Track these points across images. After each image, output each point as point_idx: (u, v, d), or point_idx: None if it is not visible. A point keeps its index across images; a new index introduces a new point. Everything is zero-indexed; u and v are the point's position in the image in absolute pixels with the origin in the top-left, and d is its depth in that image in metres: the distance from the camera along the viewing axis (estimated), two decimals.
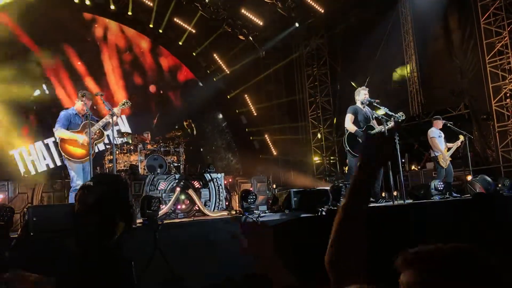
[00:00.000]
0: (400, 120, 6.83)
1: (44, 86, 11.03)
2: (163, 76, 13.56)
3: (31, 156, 10.74)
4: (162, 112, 12.24)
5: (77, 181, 5.63)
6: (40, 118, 10.67)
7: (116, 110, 5.87)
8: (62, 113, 5.95)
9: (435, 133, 8.50)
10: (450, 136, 8.73)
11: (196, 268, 4.22)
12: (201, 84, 14.20)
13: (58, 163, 10.81)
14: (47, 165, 10.88)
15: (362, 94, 7.07)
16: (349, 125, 6.87)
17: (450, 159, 8.50)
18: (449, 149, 8.54)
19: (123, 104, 6.13)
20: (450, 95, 11.44)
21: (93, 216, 1.89)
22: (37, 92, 10.89)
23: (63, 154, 5.76)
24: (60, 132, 5.79)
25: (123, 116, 12.02)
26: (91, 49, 12.07)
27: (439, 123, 8.60)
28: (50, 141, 10.73)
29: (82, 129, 5.84)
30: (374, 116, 7.09)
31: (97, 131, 5.90)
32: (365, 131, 6.67)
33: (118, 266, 1.99)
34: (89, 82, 11.62)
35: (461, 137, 8.61)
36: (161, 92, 13.35)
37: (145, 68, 13.12)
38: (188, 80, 14.05)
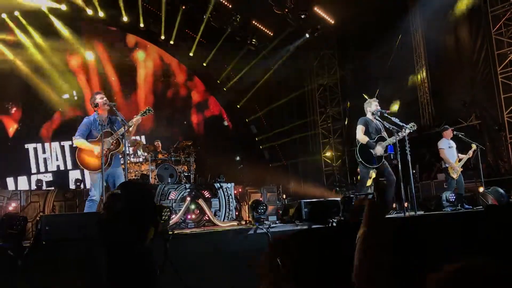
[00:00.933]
0: (411, 131, 6.79)
1: (74, 92, 11.47)
2: (190, 108, 14.24)
3: (45, 154, 10.96)
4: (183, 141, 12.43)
5: (94, 191, 5.48)
6: (62, 120, 10.98)
7: (136, 118, 5.72)
8: (84, 121, 5.75)
9: (444, 144, 8.43)
10: (462, 147, 8.65)
11: (205, 279, 4.21)
12: (225, 124, 14.76)
13: (69, 166, 11.02)
14: (58, 166, 11.08)
15: (373, 106, 7.04)
16: (361, 136, 6.86)
17: (461, 169, 8.40)
18: (460, 159, 8.44)
19: (145, 112, 5.85)
20: (461, 105, 11.35)
21: (124, 223, 1.90)
22: (66, 96, 11.28)
23: (79, 163, 5.61)
24: (78, 141, 5.62)
25: (143, 137, 12.24)
26: (129, 69, 12.65)
27: (449, 133, 8.53)
28: (67, 144, 10.97)
29: (99, 140, 5.55)
30: (385, 127, 7.07)
31: (113, 142, 5.68)
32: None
33: (149, 271, 2.01)
34: (119, 99, 12.07)
35: (473, 146, 8.49)
36: (185, 122, 13.86)
37: (176, 97, 13.80)
38: (213, 115, 14.67)
